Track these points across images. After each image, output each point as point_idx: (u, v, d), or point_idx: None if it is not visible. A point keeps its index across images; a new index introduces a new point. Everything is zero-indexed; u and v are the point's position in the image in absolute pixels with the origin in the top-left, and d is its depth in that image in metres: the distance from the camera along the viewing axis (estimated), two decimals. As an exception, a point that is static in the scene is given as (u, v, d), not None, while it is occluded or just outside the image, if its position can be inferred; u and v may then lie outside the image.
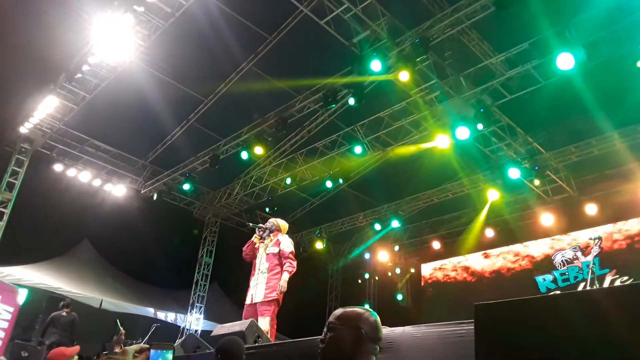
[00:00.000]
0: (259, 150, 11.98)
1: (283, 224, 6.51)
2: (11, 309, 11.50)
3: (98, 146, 13.97)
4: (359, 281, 18.57)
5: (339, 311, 2.11)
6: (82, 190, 14.09)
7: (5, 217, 12.48)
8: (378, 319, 2.09)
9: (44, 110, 11.91)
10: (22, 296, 11.25)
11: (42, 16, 9.21)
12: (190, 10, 9.38)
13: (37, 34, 9.61)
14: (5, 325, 11.35)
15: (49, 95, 11.47)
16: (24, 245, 12.86)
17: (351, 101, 10.06)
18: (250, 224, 6.63)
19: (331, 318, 2.07)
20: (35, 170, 13.24)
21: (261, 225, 6.44)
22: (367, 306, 17.90)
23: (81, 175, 14.07)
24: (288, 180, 13.95)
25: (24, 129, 12.59)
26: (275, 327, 5.84)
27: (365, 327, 2.01)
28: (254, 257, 6.29)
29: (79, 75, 10.58)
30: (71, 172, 13.95)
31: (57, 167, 13.76)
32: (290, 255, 6.07)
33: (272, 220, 6.51)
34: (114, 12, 8.90)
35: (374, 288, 18.54)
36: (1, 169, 12.71)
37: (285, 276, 5.93)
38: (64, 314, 11.00)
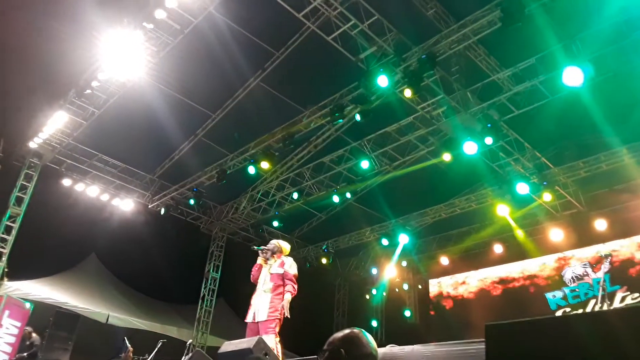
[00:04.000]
0: (265, 165, 12.01)
1: (285, 246, 6.56)
2: (18, 324, 11.53)
3: (106, 161, 14.06)
4: (367, 297, 18.42)
5: (332, 336, 2.19)
6: (90, 204, 14.18)
7: (14, 232, 12.55)
8: (365, 337, 2.15)
9: (53, 125, 12.04)
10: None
11: (54, 33, 9.34)
12: (199, 27, 9.49)
13: (48, 50, 9.75)
14: (13, 340, 11.37)
15: (58, 111, 11.60)
16: (32, 260, 12.90)
17: (357, 117, 10.09)
18: (254, 247, 6.63)
19: (325, 344, 2.16)
20: (44, 185, 13.35)
21: (263, 247, 6.48)
22: (374, 323, 17.79)
23: (89, 190, 14.17)
24: (295, 195, 13.95)
25: (33, 144, 12.73)
26: (279, 343, 5.83)
27: (348, 347, 2.09)
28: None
29: (88, 91, 10.71)
30: (79, 187, 14.04)
31: (66, 182, 13.87)
32: (293, 278, 6.13)
33: (273, 241, 6.56)
34: (123, 29, 9.03)
35: (382, 304, 18.38)
36: (10, 184, 12.81)
37: (288, 297, 5.96)
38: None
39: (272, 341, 5.67)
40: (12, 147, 12.87)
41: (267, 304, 5.98)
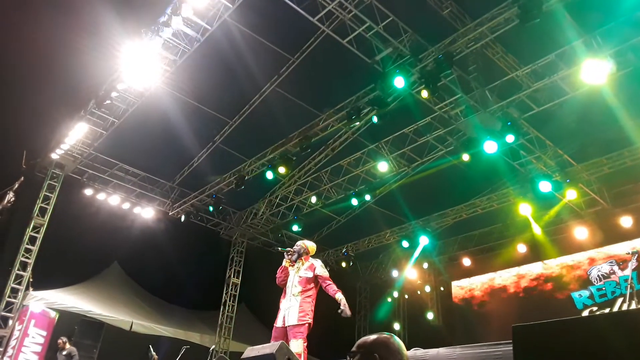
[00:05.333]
0: (283, 169, 12.02)
1: (311, 246, 6.47)
2: (44, 333, 11.72)
3: (127, 170, 14.24)
4: (388, 300, 18.30)
5: (361, 339, 2.17)
6: (112, 213, 14.36)
7: (38, 242, 12.76)
8: (397, 342, 2.12)
9: (74, 136, 12.24)
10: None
11: (74, 46, 9.52)
12: (214, 35, 9.56)
13: (69, 63, 9.93)
14: (39, 349, 11.55)
15: (79, 122, 11.79)
16: (56, 269, 13.10)
17: (375, 119, 10.04)
18: (279, 248, 6.55)
19: (354, 346, 2.13)
20: (66, 195, 13.56)
21: (289, 249, 6.39)
22: (397, 326, 17.66)
23: (111, 199, 14.35)
24: (313, 199, 13.93)
25: (55, 155, 12.94)
26: (306, 349, 5.78)
27: (381, 352, 2.05)
28: (287, 280, 6.25)
29: (107, 101, 10.85)
30: (101, 196, 14.23)
31: (88, 192, 14.07)
32: (329, 279, 6.06)
33: (299, 243, 6.46)
34: (141, 39, 9.14)
35: (404, 307, 18.24)
36: (34, 195, 13.04)
37: (340, 295, 5.87)
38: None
39: (301, 346, 5.63)
40: (34, 159, 13.11)
41: (297, 308, 5.91)
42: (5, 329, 12.00)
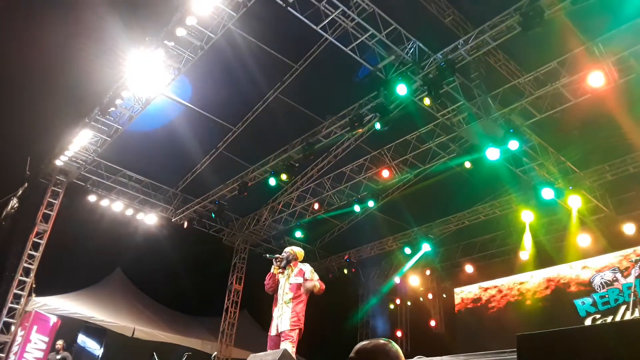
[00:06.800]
0: (286, 176, 12.05)
1: (300, 252, 6.48)
2: (46, 339, 11.73)
3: (130, 176, 14.29)
4: (391, 307, 18.26)
5: (359, 344, 2.13)
6: (116, 219, 14.40)
7: (41, 248, 12.79)
8: (395, 348, 2.09)
9: (78, 143, 12.29)
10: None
11: (79, 54, 9.59)
12: (218, 43, 9.63)
13: (74, 70, 10.00)
14: (41, 355, 11.56)
15: (83, 129, 11.85)
16: (58, 275, 13.13)
17: (377, 126, 10.06)
18: (267, 255, 6.54)
19: (352, 352, 2.10)
20: (70, 202, 13.62)
21: (278, 255, 6.40)
22: (399, 333, 17.59)
23: (114, 205, 14.39)
24: (316, 206, 13.94)
25: (59, 162, 12.99)
26: (295, 353, 5.82)
27: (380, 358, 2.03)
28: (277, 288, 6.26)
29: (112, 108, 10.92)
30: (104, 203, 14.27)
31: (91, 198, 14.10)
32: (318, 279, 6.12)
33: (287, 249, 6.47)
34: (146, 47, 9.22)
35: (406, 314, 18.19)
36: (37, 201, 13.08)
37: (313, 283, 5.97)
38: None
39: (291, 349, 5.68)
40: (38, 165, 13.17)
41: (289, 314, 5.95)
42: (8, 334, 12.01)
